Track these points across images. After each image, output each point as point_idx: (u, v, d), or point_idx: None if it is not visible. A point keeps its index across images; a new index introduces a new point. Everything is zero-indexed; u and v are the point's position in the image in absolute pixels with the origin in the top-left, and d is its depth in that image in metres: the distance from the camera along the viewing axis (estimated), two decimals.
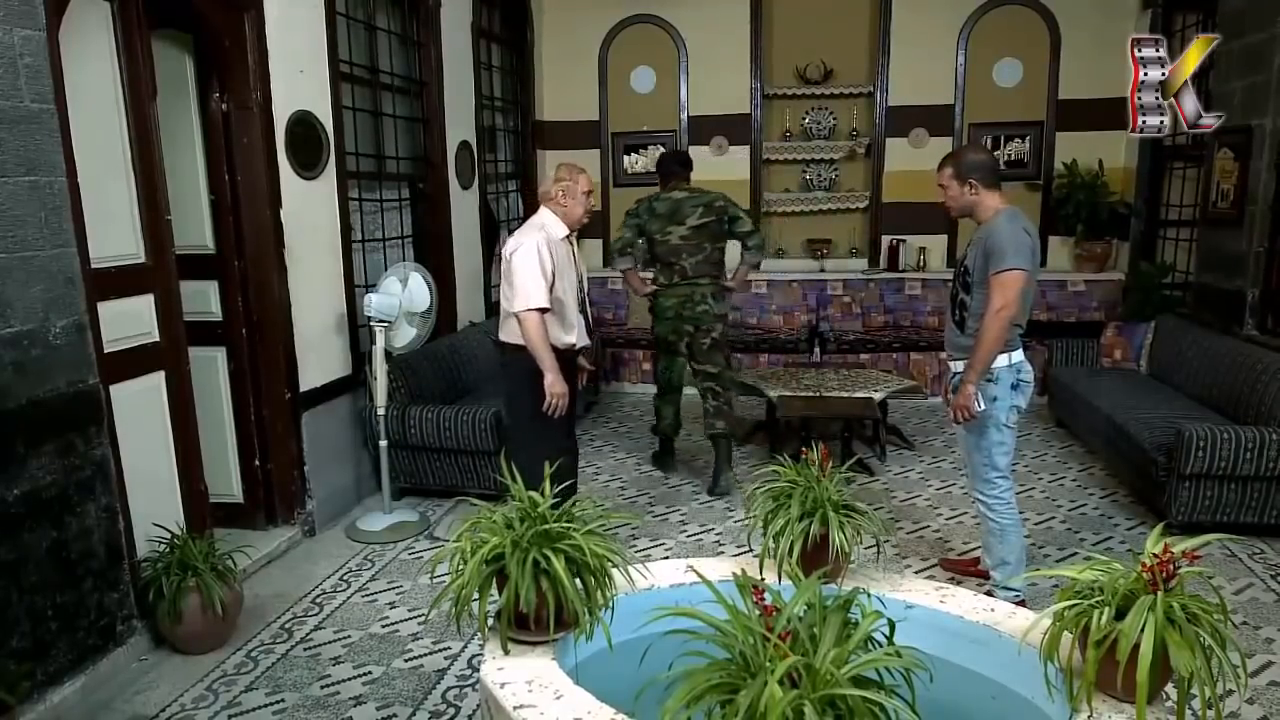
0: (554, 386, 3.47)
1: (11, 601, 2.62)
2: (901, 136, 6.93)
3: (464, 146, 5.74)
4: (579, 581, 1.94)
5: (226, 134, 3.85)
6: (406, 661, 3.15)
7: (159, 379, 3.41)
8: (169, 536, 3.24)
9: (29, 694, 2.63)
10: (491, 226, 6.29)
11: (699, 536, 4.23)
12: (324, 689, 2.98)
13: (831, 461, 2.30)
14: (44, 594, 2.73)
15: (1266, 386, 4.19)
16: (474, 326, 5.80)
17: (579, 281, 3.74)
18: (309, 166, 4.20)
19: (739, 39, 6.93)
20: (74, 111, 2.90)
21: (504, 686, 1.84)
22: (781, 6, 6.95)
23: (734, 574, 1.90)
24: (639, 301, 5.06)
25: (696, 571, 2.01)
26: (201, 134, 3.86)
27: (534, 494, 2.06)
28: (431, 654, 3.20)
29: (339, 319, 4.49)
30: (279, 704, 2.90)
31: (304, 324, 4.17)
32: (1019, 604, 2.75)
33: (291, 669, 3.11)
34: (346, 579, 3.82)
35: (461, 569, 1.93)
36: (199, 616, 3.13)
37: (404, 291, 4.27)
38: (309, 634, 3.35)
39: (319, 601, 3.61)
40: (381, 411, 4.25)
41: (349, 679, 3.05)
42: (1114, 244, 6.62)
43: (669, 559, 3.33)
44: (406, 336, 4.34)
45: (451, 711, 2.85)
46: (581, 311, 3.77)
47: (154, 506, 3.32)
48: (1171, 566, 1.65)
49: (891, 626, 1.65)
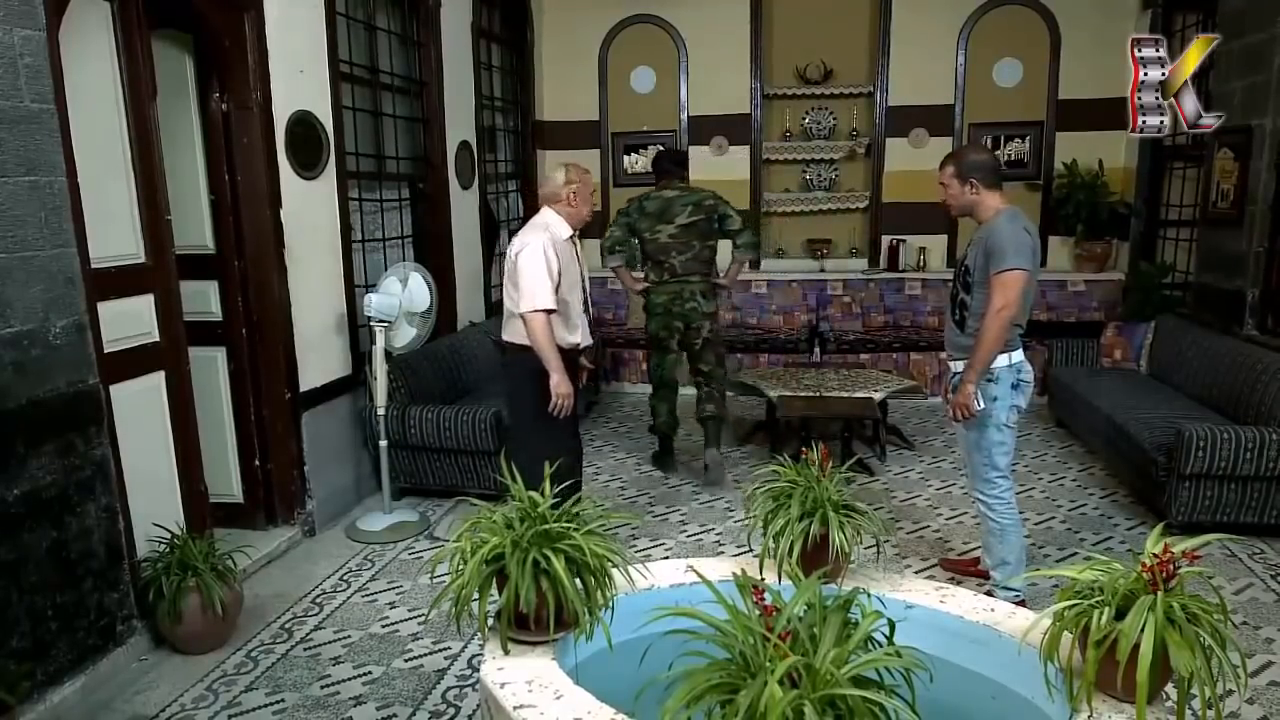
0: (560, 387, 3.47)
1: (11, 601, 2.62)
2: (901, 136, 6.93)
3: (464, 146, 5.74)
4: (579, 581, 1.94)
5: (226, 134, 3.85)
6: (406, 661, 3.15)
7: (159, 379, 3.41)
8: (169, 536, 3.24)
9: (29, 694, 2.63)
10: (491, 226, 6.29)
11: (699, 536, 4.23)
12: (324, 689, 2.98)
13: (831, 461, 2.30)
14: (44, 594, 2.73)
15: (1266, 386, 4.19)
16: (474, 326, 5.80)
17: (582, 281, 3.75)
18: (309, 166, 4.20)
19: (739, 39, 6.92)
20: (74, 111, 2.90)
21: (504, 686, 1.84)
22: (781, 6, 6.95)
23: (734, 574, 1.90)
24: (638, 301, 5.10)
25: (696, 571, 2.01)
26: (201, 134, 3.86)
27: (534, 494, 2.06)
28: (431, 654, 3.20)
29: (339, 319, 4.49)
30: (279, 704, 2.90)
31: (304, 324, 4.17)
32: (1019, 604, 2.76)
33: (291, 669, 3.11)
34: (346, 579, 3.82)
35: (461, 569, 1.93)
36: (199, 616, 3.13)
37: (404, 291, 4.28)
38: (309, 634, 3.35)
39: (319, 601, 3.61)
40: (381, 411, 4.25)
41: (349, 679, 3.05)
42: (1114, 244, 6.62)
43: (669, 559, 3.33)
44: (406, 336, 4.34)
45: (451, 711, 2.85)
46: (585, 311, 3.78)
47: (154, 506, 3.32)
48: (1171, 566, 1.65)
49: (891, 626, 1.65)
